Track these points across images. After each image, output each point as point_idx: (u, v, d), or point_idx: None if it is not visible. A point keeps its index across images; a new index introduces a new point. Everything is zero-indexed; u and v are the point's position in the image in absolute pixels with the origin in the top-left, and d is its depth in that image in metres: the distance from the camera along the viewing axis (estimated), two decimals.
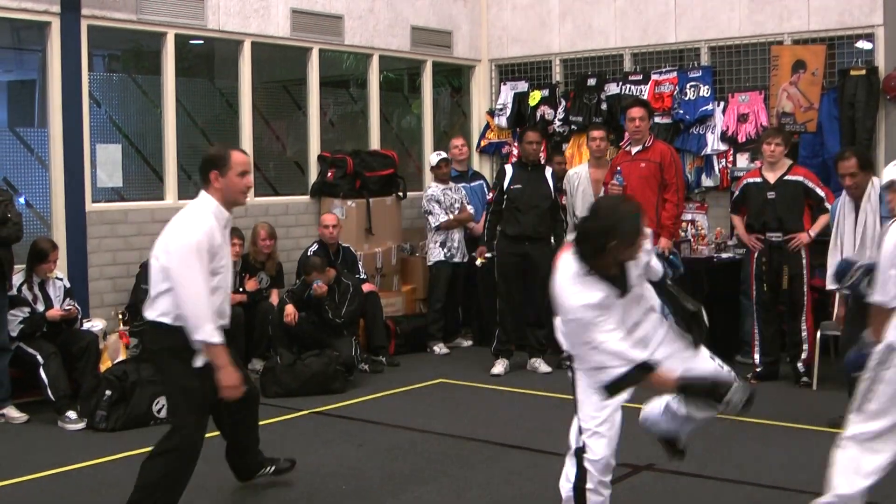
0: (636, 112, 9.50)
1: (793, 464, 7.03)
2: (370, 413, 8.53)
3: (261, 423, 8.14)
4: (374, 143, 12.08)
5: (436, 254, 11.21)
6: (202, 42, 11.09)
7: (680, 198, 9.45)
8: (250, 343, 9.93)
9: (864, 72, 10.73)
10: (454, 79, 13.71)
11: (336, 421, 8.40)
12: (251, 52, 10.84)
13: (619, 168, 9.51)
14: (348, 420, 8.41)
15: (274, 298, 10.09)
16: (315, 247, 10.46)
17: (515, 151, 12.30)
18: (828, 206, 9.23)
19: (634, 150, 9.53)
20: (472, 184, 11.92)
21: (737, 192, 9.64)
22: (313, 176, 11.46)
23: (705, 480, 6.69)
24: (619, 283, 4.92)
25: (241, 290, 9.86)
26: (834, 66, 11.01)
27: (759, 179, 9.42)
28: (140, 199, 10.31)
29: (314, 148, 11.49)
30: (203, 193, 5.58)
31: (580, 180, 10.42)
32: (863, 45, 11.01)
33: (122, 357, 8.93)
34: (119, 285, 9.77)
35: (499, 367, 10.02)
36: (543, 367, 10.04)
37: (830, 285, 8.00)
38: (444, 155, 11.42)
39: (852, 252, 7.60)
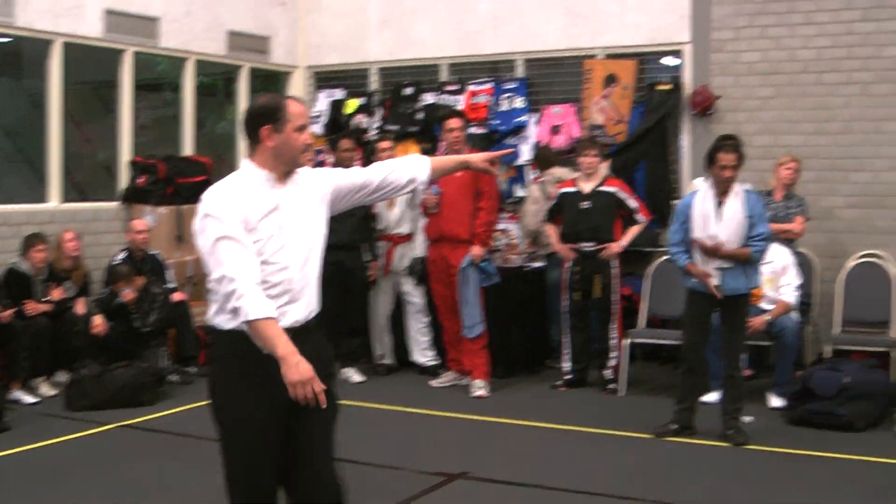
0: (454, 123, 9.54)
1: (604, 469, 7.15)
2: (183, 425, 8.34)
3: (67, 438, 7.98)
4: (188, 148, 11.85)
5: None
6: (9, 40, 10.70)
7: (493, 206, 9.53)
8: (56, 354, 9.59)
9: (670, 87, 11.06)
10: (271, 85, 13.55)
11: (148, 434, 8.18)
12: (62, 52, 10.51)
13: None
14: (161, 433, 8.20)
15: (80, 308, 9.75)
16: (122, 254, 10.20)
17: (330, 159, 12.24)
18: (640, 217, 9.46)
19: None
20: None
21: (552, 202, 9.79)
22: (124, 181, 11.18)
23: (518, 487, 6.75)
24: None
25: (46, 299, 9.53)
26: (644, 80, 11.30)
27: (573, 189, 9.59)
28: None
29: (125, 153, 11.21)
30: (244, 162, 4.35)
31: None
32: (668, 61, 11.33)
33: None
34: None
35: None
36: (356, 377, 10.01)
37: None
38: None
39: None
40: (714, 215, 7.59)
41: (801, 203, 9.62)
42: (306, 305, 4.41)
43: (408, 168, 4.67)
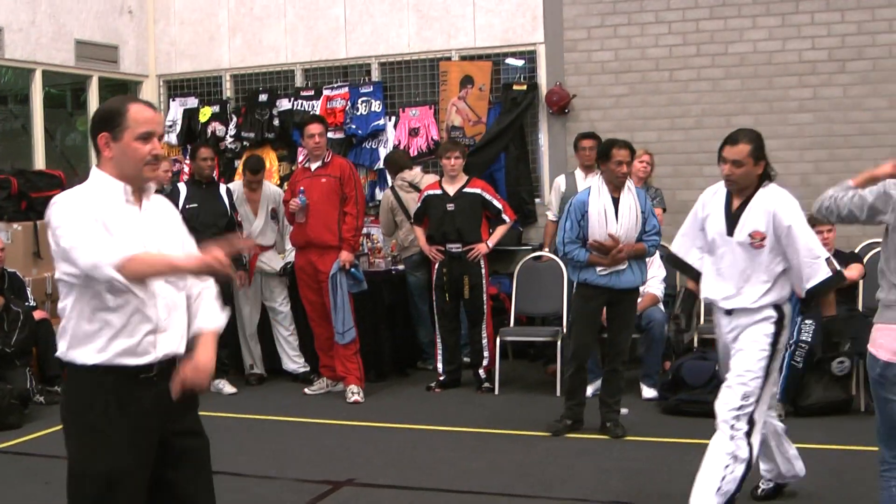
0: (315, 128, 9.47)
1: (487, 468, 7.20)
2: (53, 447, 8.04)
3: None
4: (39, 161, 11.53)
5: None
6: None
7: (360, 210, 9.49)
8: None
9: (525, 87, 11.21)
10: (121, 94, 13.31)
11: (16, 458, 7.90)
12: None
13: (301, 188, 9.45)
14: (29, 456, 7.93)
15: None
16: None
17: (187, 169, 12.07)
18: (505, 217, 9.56)
19: (314, 165, 9.51)
20: None
21: (418, 204, 9.82)
22: None
23: (406, 491, 6.75)
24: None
25: None
26: (500, 81, 11.43)
27: (438, 192, 9.64)
28: None
29: None
30: (93, 170, 3.95)
31: (232, 196, 10.17)
32: (514, 61, 11.47)
33: None
34: None
35: None
36: (228, 388, 9.87)
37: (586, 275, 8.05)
38: None
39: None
40: (612, 211, 7.71)
41: (656, 195, 9.86)
42: (176, 337, 3.97)
43: (203, 312, 4.17)
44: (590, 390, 8.47)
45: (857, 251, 9.23)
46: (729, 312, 5.76)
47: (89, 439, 3.82)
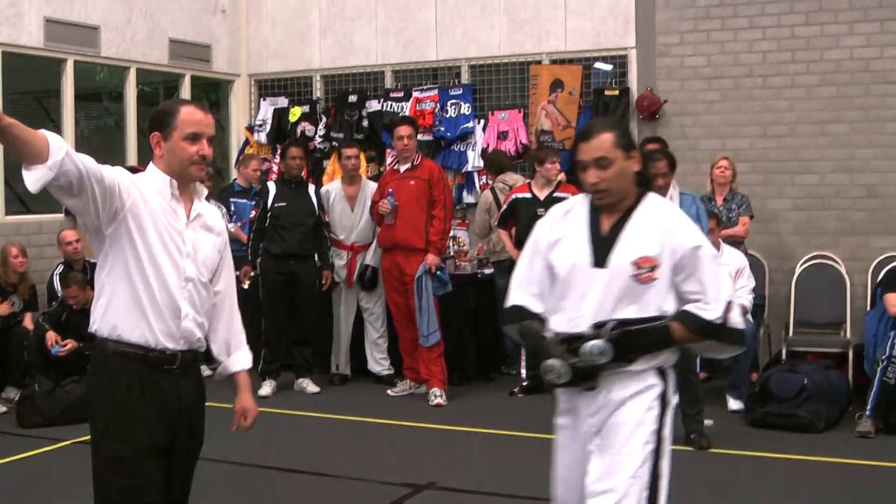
0: (404, 130, 9.48)
1: None
2: None
3: (22, 456, 7.81)
4: (132, 158, 11.67)
5: None
6: None
7: (447, 214, 9.50)
8: (5, 370, 9.41)
9: (617, 92, 11.11)
10: (213, 93, 13.44)
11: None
12: (1, 61, 10.31)
13: (390, 189, 9.47)
14: None
15: (29, 322, 9.59)
16: (61, 268, 10.02)
17: (276, 168, 12.15)
18: None
19: (403, 167, 9.53)
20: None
21: (504, 207, 9.79)
22: None
23: (486, 497, 6.72)
24: None
25: None
26: (590, 85, 11.34)
27: (528, 195, 9.59)
28: None
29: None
30: (150, 166, 4.08)
31: (335, 197, 10.27)
32: (604, 66, 11.35)
33: None
34: None
35: (266, 388, 9.83)
36: (311, 388, 9.92)
37: None
38: None
39: None
40: None
41: (742, 202, 9.69)
42: (187, 323, 4.02)
43: (235, 345, 4.30)
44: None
45: None
46: (592, 387, 4.04)
47: (112, 424, 3.94)
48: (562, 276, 4.07)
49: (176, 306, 3.96)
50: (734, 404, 8.75)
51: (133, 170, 4.08)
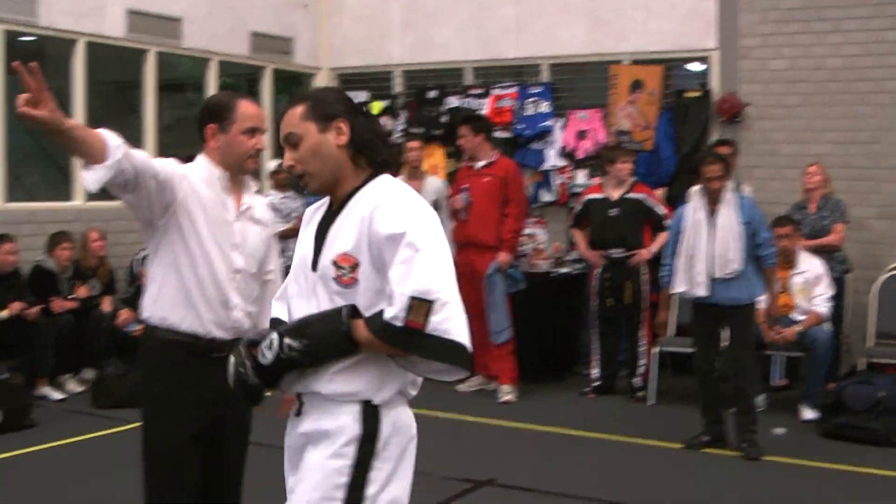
0: (459, 130, 9.65)
1: (630, 479, 7.09)
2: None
3: (93, 435, 7.93)
4: None
5: None
6: (34, 38, 10.64)
7: (521, 213, 9.48)
8: (82, 351, 9.58)
9: (698, 93, 10.98)
10: (294, 86, 13.50)
11: None
12: (85, 52, 10.46)
13: (465, 185, 9.49)
14: None
15: (107, 306, 9.75)
16: (142, 253, 10.15)
17: None
18: (667, 223, 9.39)
19: (478, 164, 9.53)
20: None
21: (579, 208, 9.74)
22: None
23: (544, 495, 6.68)
24: None
25: (71, 297, 9.51)
26: (670, 86, 11.23)
27: (601, 196, 9.54)
28: None
29: (149, 152, 11.05)
30: (199, 157, 4.15)
31: None
32: (694, 67, 11.25)
33: None
34: None
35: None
36: None
37: (676, 289, 7.92)
38: (282, 161, 11.13)
39: (708, 257, 7.54)
40: (705, 225, 7.53)
41: (836, 208, 9.48)
42: (236, 313, 4.11)
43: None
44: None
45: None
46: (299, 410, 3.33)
47: (158, 410, 4.09)
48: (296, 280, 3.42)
49: (225, 297, 4.04)
50: (808, 414, 8.59)
51: (189, 158, 4.12)
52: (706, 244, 7.50)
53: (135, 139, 11.16)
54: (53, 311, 9.27)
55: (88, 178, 3.59)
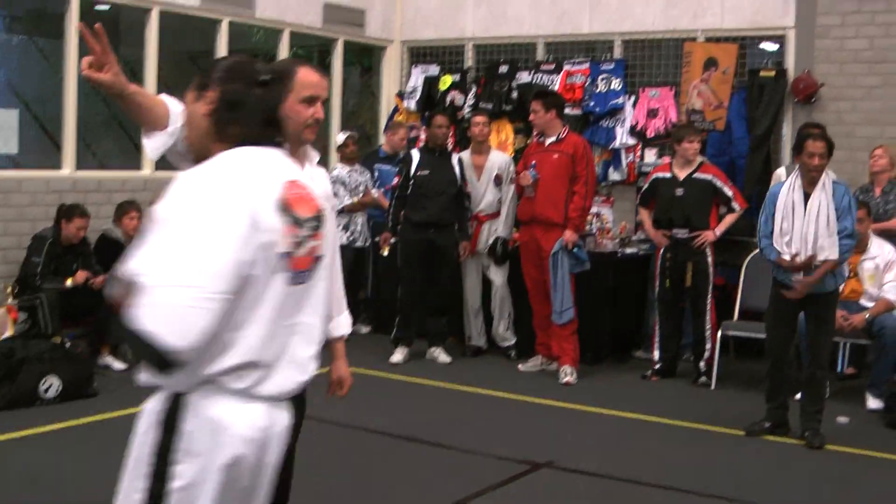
0: (532, 106, 9.52)
1: (691, 465, 7.00)
2: None
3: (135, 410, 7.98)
4: None
5: (339, 237, 10.98)
6: (108, 8, 10.73)
7: (589, 191, 9.38)
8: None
9: (773, 73, 10.78)
10: (365, 58, 13.52)
11: None
12: (158, 21, 10.52)
13: (533, 162, 9.43)
14: None
15: None
16: None
17: (423, 136, 12.14)
18: (735, 205, 9.28)
19: (548, 140, 9.45)
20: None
21: (645, 186, 9.64)
22: None
23: (603, 479, 6.63)
24: None
25: None
26: (744, 65, 11.04)
27: (668, 175, 9.42)
28: (36, 168, 9.99)
29: None
30: None
31: (463, 166, 10.20)
32: (767, 46, 11.05)
33: (9, 333, 8.59)
34: (10, 257, 9.41)
35: (398, 355, 9.88)
36: (443, 357, 9.93)
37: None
38: (350, 133, 11.17)
39: (800, 240, 7.37)
40: (801, 207, 7.35)
41: None
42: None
43: (337, 310, 4.23)
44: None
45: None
46: None
47: None
48: None
49: None
50: (873, 403, 8.44)
51: None
52: (800, 227, 7.34)
53: None
54: None
55: (149, 145, 3.50)
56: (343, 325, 4.31)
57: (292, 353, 3.04)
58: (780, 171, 9.67)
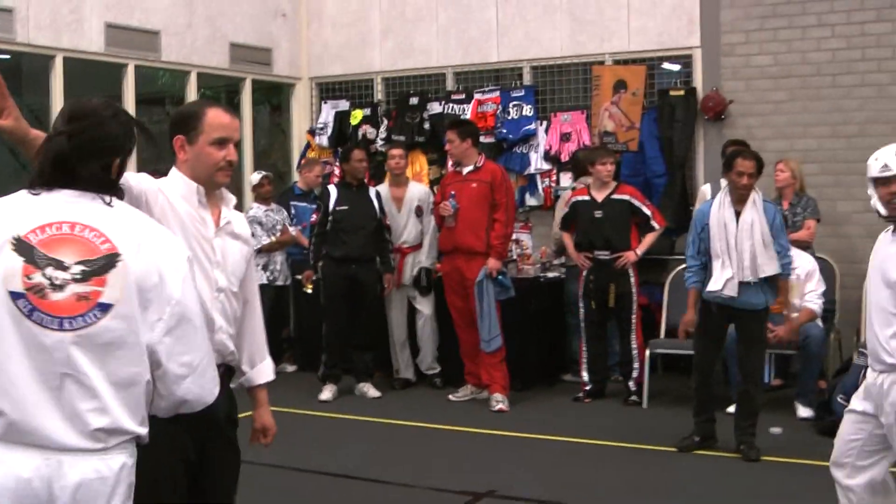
0: (447, 136, 9.57)
1: (629, 485, 7.01)
2: None
3: None
4: None
5: (258, 277, 10.82)
6: (8, 57, 10.52)
7: (509, 217, 9.40)
8: None
9: (682, 92, 10.92)
10: (273, 97, 13.43)
11: None
12: (63, 66, 10.34)
13: (452, 192, 9.40)
14: None
15: None
16: None
17: (337, 171, 12.08)
18: (654, 224, 9.35)
19: (465, 170, 9.44)
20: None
21: (566, 210, 9.67)
22: None
23: None
24: None
25: None
26: (654, 86, 11.16)
27: (586, 198, 9.47)
28: None
29: (132, 166, 10.97)
30: (172, 171, 3.91)
31: (381, 199, 10.14)
32: (671, 66, 11.19)
33: None
34: None
35: (326, 392, 9.77)
36: (372, 392, 9.84)
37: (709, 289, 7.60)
38: (265, 173, 11.08)
39: (735, 258, 7.36)
40: (733, 224, 7.41)
41: (808, 205, 9.46)
42: (220, 335, 3.85)
43: (262, 356, 4.19)
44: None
45: None
46: None
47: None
48: None
49: (210, 318, 3.73)
50: (803, 412, 8.53)
51: (156, 173, 3.95)
52: (734, 245, 7.38)
53: None
54: None
55: None
56: (265, 372, 4.20)
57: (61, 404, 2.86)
58: (706, 189, 9.76)
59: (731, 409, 8.23)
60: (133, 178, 3.63)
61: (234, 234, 3.95)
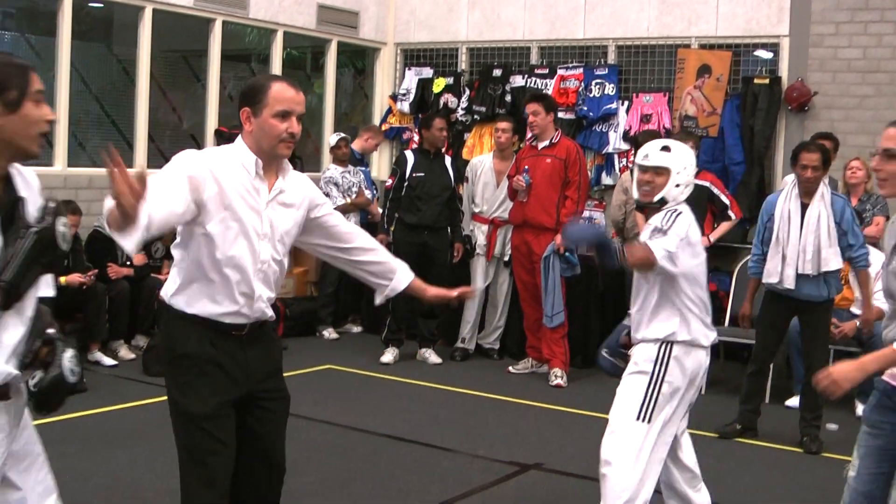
0: (530, 108, 9.48)
1: None
2: None
3: (143, 402, 7.98)
4: None
5: None
6: (101, 5, 10.72)
7: (581, 196, 9.39)
8: (135, 318, 9.65)
9: (767, 81, 10.80)
10: (358, 60, 13.51)
11: None
12: (152, 19, 10.50)
13: (526, 166, 9.41)
14: None
15: (168, 271, 9.82)
16: None
17: (416, 137, 12.15)
18: (731, 214, 9.29)
19: (541, 145, 9.45)
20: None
21: None
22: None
23: (591, 482, 6.59)
24: None
25: (128, 263, 9.55)
26: (738, 72, 11.06)
27: None
28: (27, 165, 9.94)
29: (211, 121, 11.16)
30: (238, 139, 4.06)
31: (483, 170, 10.26)
32: (762, 53, 11.06)
33: None
34: None
35: (388, 355, 9.88)
36: (433, 358, 9.93)
37: (765, 279, 7.68)
38: (343, 135, 11.17)
39: (797, 251, 7.39)
40: (797, 217, 7.36)
41: (877, 202, 9.33)
42: (259, 304, 4.03)
43: (391, 269, 4.44)
44: (797, 401, 8.11)
45: None
46: None
47: (182, 385, 4.02)
48: None
49: (251, 290, 3.99)
50: (862, 410, 8.45)
51: (219, 133, 4.13)
52: (798, 238, 7.34)
53: (198, 108, 11.27)
54: (109, 277, 9.32)
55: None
56: (403, 277, 4.48)
57: None
58: (788, 180, 9.66)
59: (791, 401, 8.20)
60: (180, 193, 3.77)
61: (286, 203, 4.09)
